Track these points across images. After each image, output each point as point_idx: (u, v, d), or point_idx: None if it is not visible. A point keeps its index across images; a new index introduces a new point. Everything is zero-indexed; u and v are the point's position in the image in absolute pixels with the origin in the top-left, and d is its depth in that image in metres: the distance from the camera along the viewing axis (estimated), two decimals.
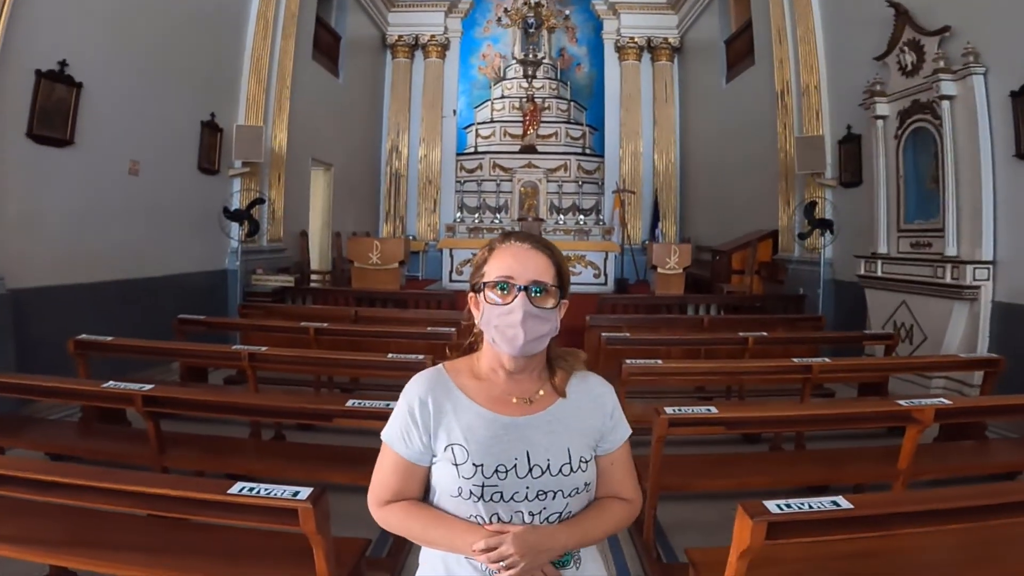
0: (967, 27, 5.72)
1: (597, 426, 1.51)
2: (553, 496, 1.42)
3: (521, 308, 1.40)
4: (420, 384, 1.49)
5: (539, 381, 1.52)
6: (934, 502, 2.04)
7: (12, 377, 3.38)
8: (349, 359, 3.98)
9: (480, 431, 1.43)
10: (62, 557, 2.31)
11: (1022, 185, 5.13)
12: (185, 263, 7.07)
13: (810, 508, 1.90)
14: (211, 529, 2.58)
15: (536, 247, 1.47)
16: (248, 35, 8.39)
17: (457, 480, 1.40)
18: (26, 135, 4.97)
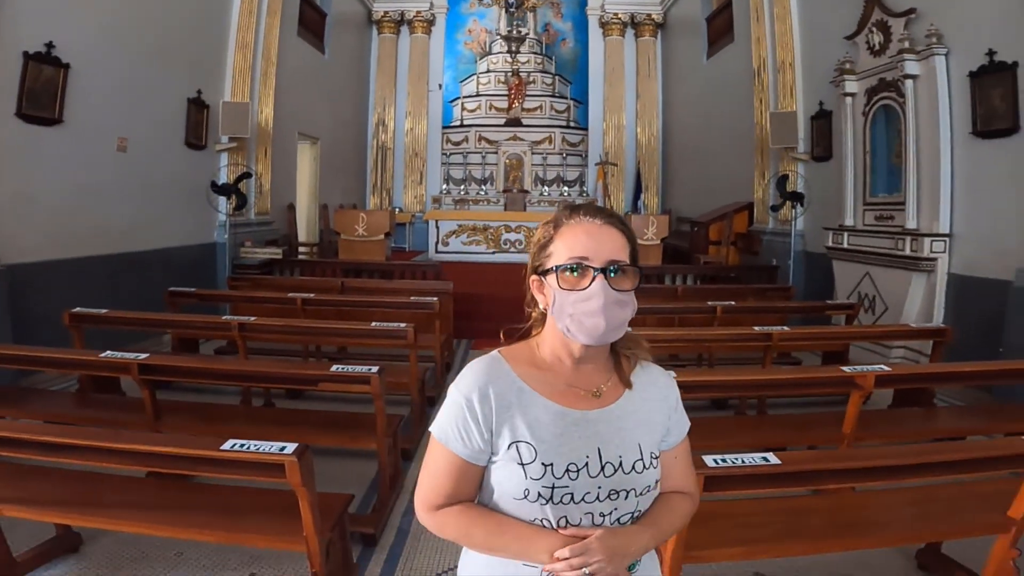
0: (931, 10, 5.84)
1: (663, 420, 1.38)
2: (625, 495, 1.30)
3: (601, 293, 1.23)
4: (479, 374, 1.32)
5: (605, 371, 1.37)
6: (852, 460, 2.24)
7: (14, 348, 3.51)
8: (334, 328, 4.12)
9: (548, 427, 1.29)
10: (67, 516, 2.48)
11: (978, 162, 5.30)
12: (174, 237, 7.12)
13: (743, 463, 2.08)
14: (205, 488, 2.75)
15: (610, 222, 1.30)
16: (233, 12, 8.33)
17: (524, 481, 1.26)
18: (15, 115, 4.99)
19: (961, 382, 3.83)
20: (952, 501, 2.59)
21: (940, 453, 2.34)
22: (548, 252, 1.29)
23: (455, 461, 1.29)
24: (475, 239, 11.27)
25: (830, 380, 3.23)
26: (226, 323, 3.93)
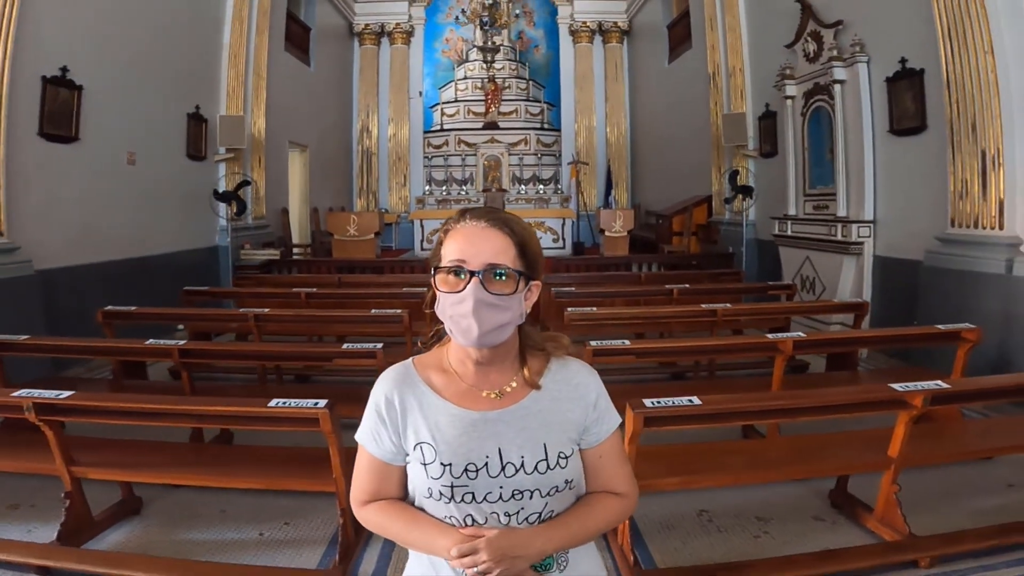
0: (856, 21, 6.39)
1: (578, 419, 1.32)
2: (530, 495, 1.26)
3: (472, 296, 1.20)
4: (387, 381, 1.34)
5: (511, 372, 1.33)
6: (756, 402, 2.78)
7: (67, 340, 3.95)
8: (339, 315, 4.60)
9: (447, 428, 1.28)
10: (140, 476, 2.93)
11: (894, 156, 5.90)
12: (179, 242, 7.53)
13: (673, 404, 2.60)
14: (245, 449, 3.23)
15: (493, 224, 1.25)
16: (225, 33, 8.71)
17: (427, 480, 1.27)
18: (37, 134, 5.39)
19: (869, 345, 4.38)
20: (846, 444, 3.15)
21: (824, 397, 2.88)
22: (439, 255, 1.26)
23: (373, 462, 1.32)
24: None
25: (757, 346, 3.77)
26: (243, 315, 4.38)
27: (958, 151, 4.90)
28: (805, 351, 4.08)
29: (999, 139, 4.61)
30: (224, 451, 3.20)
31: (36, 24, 5.25)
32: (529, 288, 1.26)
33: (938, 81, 5.15)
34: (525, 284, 1.24)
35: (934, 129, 5.36)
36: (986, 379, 3.39)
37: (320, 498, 3.19)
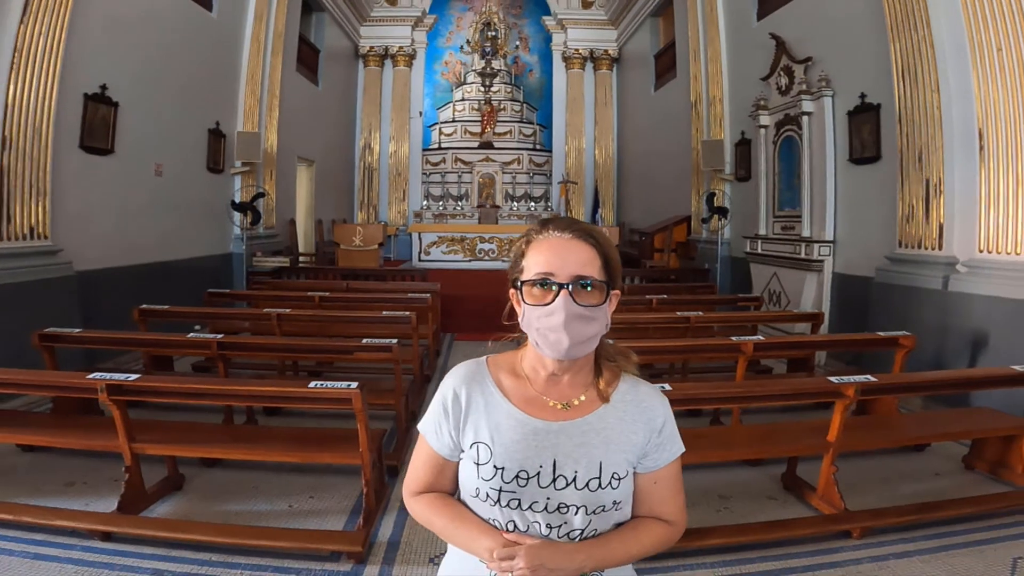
0: (823, 58, 6.83)
1: (641, 442, 1.27)
2: (576, 511, 1.22)
3: (563, 309, 1.16)
4: (457, 376, 1.31)
5: (582, 385, 1.28)
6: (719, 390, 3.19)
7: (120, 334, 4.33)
8: (352, 316, 4.97)
9: (508, 432, 1.24)
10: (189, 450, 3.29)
11: (853, 183, 6.35)
12: (198, 248, 7.87)
13: None
14: (275, 429, 3.59)
15: (578, 236, 1.22)
16: (244, 53, 9.09)
17: (476, 480, 1.24)
18: (78, 146, 5.74)
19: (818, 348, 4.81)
20: (794, 431, 3.57)
21: (772, 386, 3.31)
22: (520, 267, 1.24)
23: (431, 454, 1.30)
24: (453, 249, 11.98)
25: (722, 347, 4.18)
26: (267, 315, 4.73)
27: (906, 179, 5.33)
28: (765, 353, 4.49)
29: (941, 169, 5.04)
30: (257, 431, 3.56)
31: (80, 45, 5.56)
32: (612, 298, 1.22)
33: (892, 115, 5.57)
34: (609, 293, 1.21)
35: (887, 159, 5.79)
36: (907, 375, 3.84)
37: (340, 476, 3.56)
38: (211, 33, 8.24)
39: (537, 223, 1.27)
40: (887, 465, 3.92)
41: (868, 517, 3.07)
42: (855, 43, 6.32)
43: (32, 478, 3.52)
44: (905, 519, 3.08)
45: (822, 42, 6.91)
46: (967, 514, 3.16)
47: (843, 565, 2.86)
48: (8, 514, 2.91)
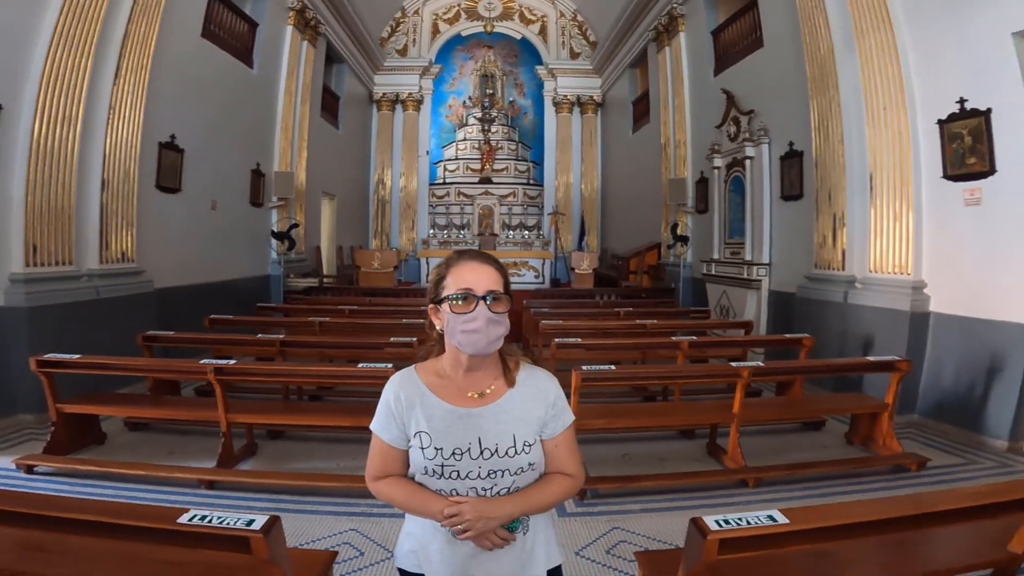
0: (763, 111, 7.78)
1: (540, 415, 1.51)
2: (501, 474, 1.45)
3: (483, 315, 1.40)
4: (395, 383, 1.53)
5: (492, 377, 1.52)
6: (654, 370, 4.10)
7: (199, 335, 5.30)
8: (380, 324, 5.90)
9: (440, 421, 1.47)
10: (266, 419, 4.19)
11: (783, 216, 7.30)
12: (243, 270, 8.81)
13: (599, 369, 3.93)
14: (329, 404, 4.49)
15: (486, 262, 1.47)
16: (279, 104, 10.10)
17: (423, 460, 1.46)
18: (155, 187, 6.70)
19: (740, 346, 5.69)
20: (714, 407, 4.45)
21: (691, 369, 4.25)
22: (442, 286, 1.46)
23: (383, 446, 1.51)
24: None
25: (667, 345, 5.05)
26: (311, 323, 5.68)
27: (821, 213, 6.23)
28: (701, 351, 5.42)
29: (844, 206, 5.91)
30: (313, 405, 4.49)
31: (155, 102, 6.38)
32: None
33: (811, 161, 6.44)
34: (511, 305, 1.45)
35: (807, 197, 6.67)
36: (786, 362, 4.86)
37: None
38: (252, 87, 9.26)
39: (454, 254, 1.53)
40: (790, 441, 4.76)
41: (759, 471, 3.92)
42: (787, 100, 7.15)
43: (142, 449, 4.37)
44: (784, 473, 3.94)
45: (762, 98, 7.84)
46: (830, 472, 4.01)
47: (741, 505, 3.70)
48: (140, 470, 3.79)
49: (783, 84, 7.26)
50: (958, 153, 4.85)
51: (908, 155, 5.29)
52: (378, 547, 3.09)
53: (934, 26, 5.14)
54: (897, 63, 5.42)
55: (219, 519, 1.54)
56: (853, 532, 1.68)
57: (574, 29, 16.45)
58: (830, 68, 6.11)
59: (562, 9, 16.38)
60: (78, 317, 5.24)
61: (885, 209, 5.48)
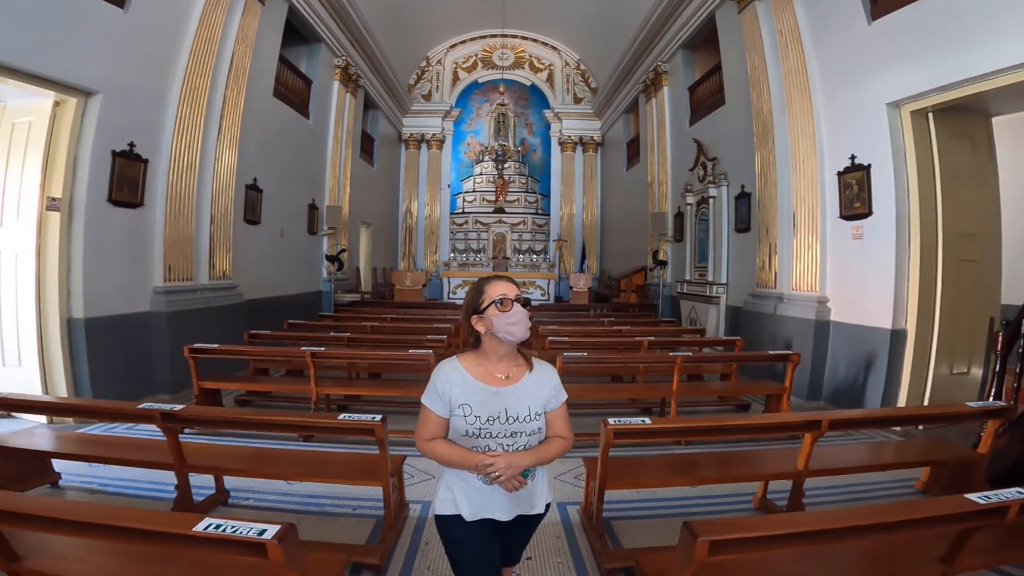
0: (723, 158, 9.12)
1: (546, 394, 1.98)
2: (520, 435, 1.91)
3: (521, 312, 1.90)
4: (443, 369, 1.98)
5: (514, 365, 1.99)
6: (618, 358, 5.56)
7: (289, 333, 6.83)
8: (416, 327, 7.39)
9: (479, 396, 1.91)
10: (345, 390, 5.66)
11: (737, 245, 8.66)
12: (301, 287, 10.32)
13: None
14: (386, 380, 5.96)
15: (509, 279, 1.99)
16: (328, 148, 11.66)
17: (465, 425, 1.91)
18: (243, 220, 8.26)
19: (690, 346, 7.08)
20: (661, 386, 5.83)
21: (639, 358, 5.68)
22: (482, 300, 1.94)
23: (434, 416, 1.95)
24: None
25: (632, 344, 6.45)
26: (365, 326, 7.18)
27: (761, 243, 7.56)
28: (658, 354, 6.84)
29: (776, 237, 7.25)
30: (374, 381, 5.96)
31: (242, 153, 7.89)
32: None
33: (756, 200, 7.72)
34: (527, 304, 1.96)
35: (753, 230, 7.97)
36: (713, 355, 6.24)
37: None
38: (309, 135, 10.85)
39: (483, 278, 2.01)
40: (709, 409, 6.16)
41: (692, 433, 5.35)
42: (741, 150, 8.27)
43: None
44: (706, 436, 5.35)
45: (723, 147, 9.14)
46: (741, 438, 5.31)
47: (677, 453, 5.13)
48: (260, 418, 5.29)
49: (739, 136, 8.42)
50: (849, 198, 6.28)
51: (817, 198, 6.67)
52: (421, 472, 4.35)
53: (838, 96, 6.48)
54: (812, 124, 6.76)
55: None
56: (705, 432, 3.09)
57: (577, 77, 17.95)
58: (770, 126, 7.42)
59: (567, 59, 17.90)
60: (195, 320, 6.77)
61: (802, 240, 6.83)
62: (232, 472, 3.41)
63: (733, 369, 6.33)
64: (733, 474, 3.60)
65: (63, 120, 5.42)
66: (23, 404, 3.65)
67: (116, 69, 5.73)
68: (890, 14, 5.80)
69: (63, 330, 5.36)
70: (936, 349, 5.56)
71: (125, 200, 5.87)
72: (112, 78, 5.68)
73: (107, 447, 3.63)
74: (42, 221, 5.31)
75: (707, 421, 3.39)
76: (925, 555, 2.29)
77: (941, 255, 5.56)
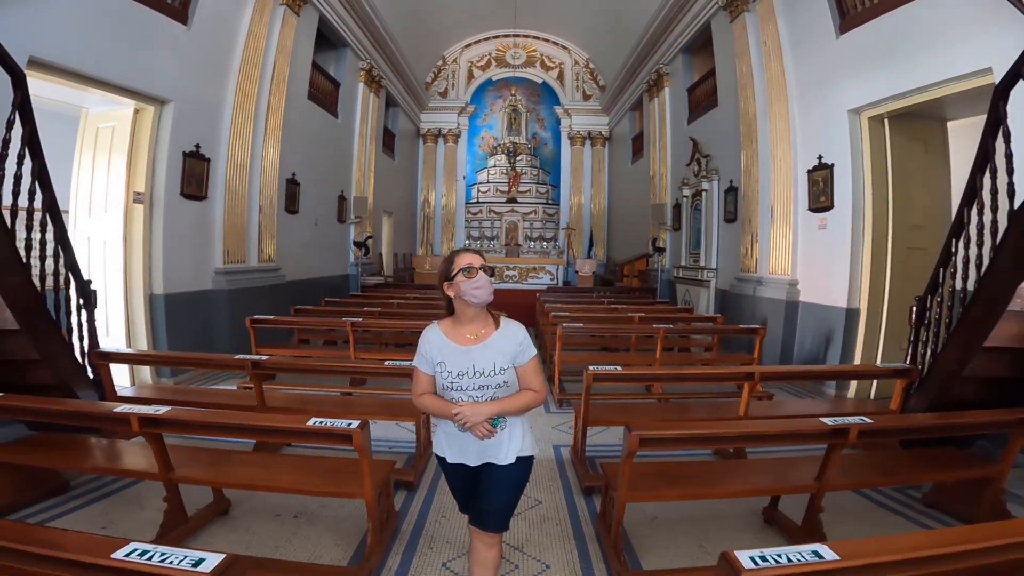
0: (715, 155, 9.85)
1: (511, 350, 2.17)
2: (487, 388, 2.14)
3: (486, 278, 2.13)
4: (426, 334, 2.24)
5: (482, 326, 2.21)
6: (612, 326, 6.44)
7: (330, 308, 7.72)
8: (435, 304, 8.28)
9: (451, 354, 2.16)
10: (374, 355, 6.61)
11: (725, 233, 9.44)
12: (332, 270, 11.26)
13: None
14: (409, 348, 6.88)
15: (474, 251, 2.21)
16: (355, 144, 12.50)
17: (442, 380, 2.17)
18: (284, 210, 9.19)
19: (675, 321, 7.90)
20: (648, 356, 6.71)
21: (629, 329, 6.54)
22: (452, 269, 2.16)
23: (420, 374, 2.23)
24: None
25: (625, 318, 7.31)
26: (392, 303, 8.10)
27: (744, 232, 8.35)
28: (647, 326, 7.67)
29: (757, 227, 8.04)
30: (402, 349, 6.88)
31: (283, 151, 8.84)
32: None
33: (742, 194, 8.49)
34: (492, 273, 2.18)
35: (739, 220, 8.72)
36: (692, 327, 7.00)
37: None
38: (337, 132, 11.72)
39: (456, 250, 2.27)
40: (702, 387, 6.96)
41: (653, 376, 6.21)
42: (730, 148, 8.94)
43: None
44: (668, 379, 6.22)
45: (715, 145, 9.86)
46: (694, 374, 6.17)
47: None
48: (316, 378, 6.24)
49: (728, 136, 9.11)
50: (816, 193, 7.06)
51: (791, 193, 7.46)
52: None
53: (810, 102, 7.19)
54: (789, 127, 7.51)
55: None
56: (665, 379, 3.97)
57: (586, 75, 18.59)
58: (754, 127, 8.16)
59: (576, 58, 18.51)
60: (248, 297, 7.72)
61: (778, 230, 7.61)
62: None
63: (714, 343, 7.17)
64: (691, 422, 4.44)
65: (143, 125, 6.36)
66: (137, 358, 4.60)
67: (184, 80, 6.65)
68: (854, 30, 6.53)
69: (146, 305, 6.32)
70: (885, 326, 6.35)
71: (193, 194, 6.81)
72: (181, 88, 6.60)
73: (199, 395, 4.57)
74: (128, 212, 6.26)
75: (668, 369, 4.24)
76: (807, 473, 3.12)
77: (891, 244, 6.33)
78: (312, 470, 3.18)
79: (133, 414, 2.62)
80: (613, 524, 3.02)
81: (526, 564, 3.09)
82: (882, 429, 2.87)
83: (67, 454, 3.26)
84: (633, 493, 2.93)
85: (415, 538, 3.34)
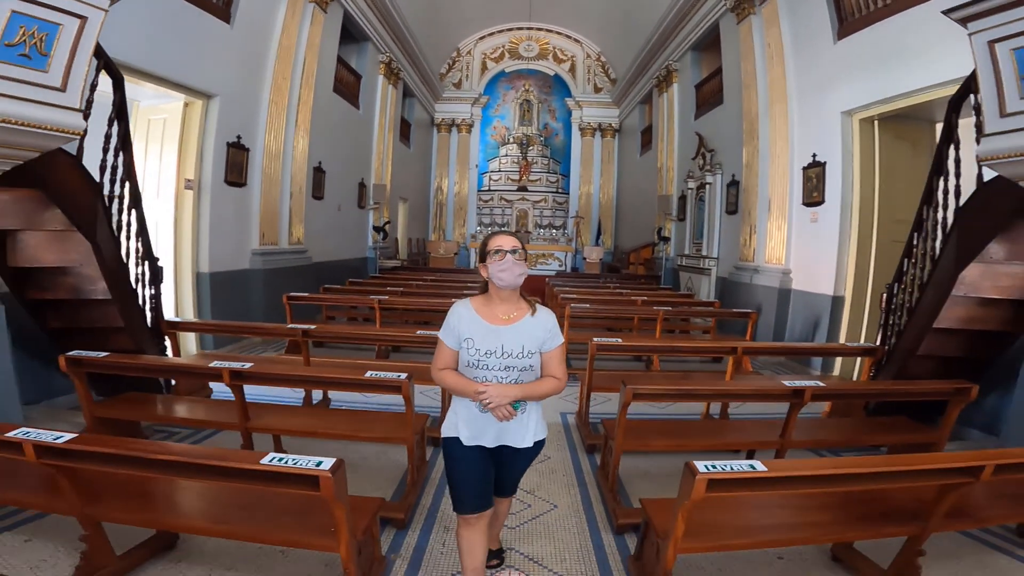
0: (719, 149, 10.30)
1: (541, 335, 2.17)
2: (512, 369, 2.12)
3: (512, 261, 2.12)
4: (456, 308, 2.23)
5: (515, 308, 2.21)
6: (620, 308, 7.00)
7: (353, 287, 8.32)
8: (451, 284, 8.86)
9: (480, 332, 2.14)
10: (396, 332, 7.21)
11: (726, 224, 9.91)
12: (352, 252, 11.84)
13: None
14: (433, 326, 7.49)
15: (510, 233, 2.23)
16: (374, 134, 13.01)
17: (468, 356, 2.15)
18: (311, 196, 9.75)
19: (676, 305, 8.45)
20: (650, 336, 7.27)
21: (630, 311, 7.11)
22: (486, 250, 2.19)
23: (447, 349, 2.22)
24: None
25: (627, 301, 7.86)
26: (410, 284, 8.69)
27: (744, 223, 8.87)
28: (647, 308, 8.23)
29: (755, 219, 8.55)
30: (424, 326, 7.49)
31: (311, 141, 9.43)
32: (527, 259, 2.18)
33: (742, 188, 9.00)
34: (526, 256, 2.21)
35: (739, 212, 9.19)
36: (689, 309, 7.54)
37: None
38: (359, 123, 12.24)
39: (493, 231, 2.38)
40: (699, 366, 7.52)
41: (649, 348, 6.79)
42: (733, 144, 9.44)
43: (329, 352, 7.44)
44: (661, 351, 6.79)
45: (719, 141, 10.31)
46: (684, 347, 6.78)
47: None
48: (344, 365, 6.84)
49: (732, 132, 9.55)
50: (809, 189, 7.56)
51: (787, 188, 7.96)
52: None
53: (808, 103, 7.67)
54: (787, 126, 8.01)
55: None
56: (659, 351, 4.54)
57: (598, 68, 18.95)
58: (756, 125, 8.65)
59: (588, 51, 18.87)
60: (280, 277, 8.33)
61: (774, 222, 8.13)
62: None
63: (712, 326, 7.73)
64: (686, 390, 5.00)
65: (192, 118, 6.93)
66: (202, 327, 5.21)
67: (227, 75, 7.21)
68: (850, 36, 6.99)
69: (193, 282, 6.94)
70: (868, 313, 6.87)
71: (235, 181, 7.41)
72: (225, 82, 7.16)
73: (255, 361, 5.17)
74: (178, 197, 6.86)
75: (663, 342, 4.80)
76: (772, 431, 3.67)
77: (876, 237, 6.83)
78: (359, 422, 3.78)
79: (225, 368, 3.19)
80: (611, 470, 3.60)
81: (537, 504, 3.66)
82: (832, 392, 3.44)
83: (147, 408, 3.86)
84: (628, 442, 3.51)
85: (443, 486, 3.80)
